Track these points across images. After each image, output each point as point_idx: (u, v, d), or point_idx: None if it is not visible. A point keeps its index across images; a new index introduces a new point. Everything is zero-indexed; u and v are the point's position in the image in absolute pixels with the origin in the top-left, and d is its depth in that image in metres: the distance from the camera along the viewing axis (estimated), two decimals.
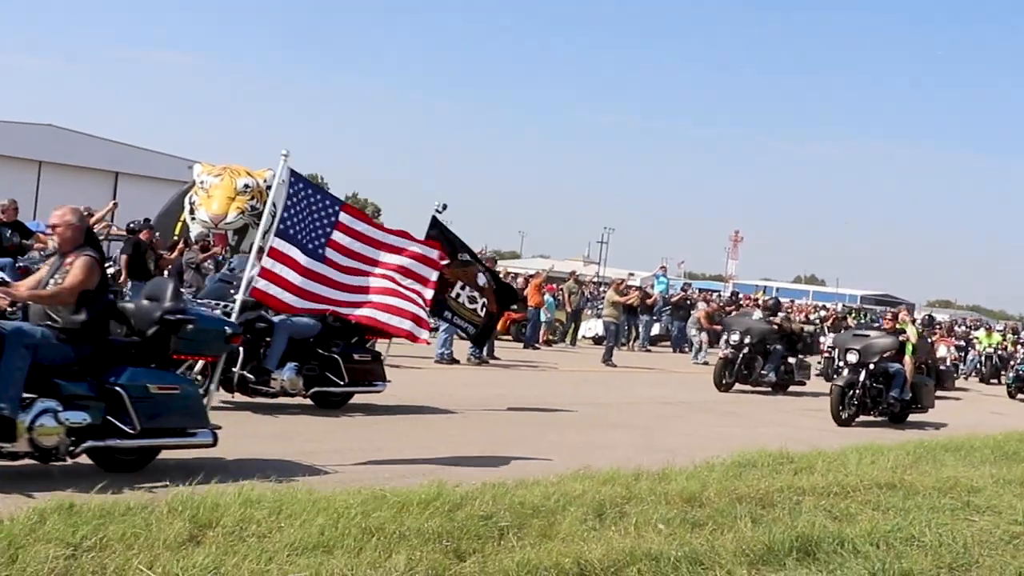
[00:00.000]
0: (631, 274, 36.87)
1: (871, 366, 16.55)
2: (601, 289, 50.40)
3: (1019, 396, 26.26)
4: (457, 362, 20.14)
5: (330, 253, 9.97)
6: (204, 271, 21.32)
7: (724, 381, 20.13)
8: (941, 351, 28.27)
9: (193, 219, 25.79)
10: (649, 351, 30.92)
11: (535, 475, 8.84)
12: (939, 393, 22.84)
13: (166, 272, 17.64)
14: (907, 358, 17.01)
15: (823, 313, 43.57)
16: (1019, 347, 33.18)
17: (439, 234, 13.21)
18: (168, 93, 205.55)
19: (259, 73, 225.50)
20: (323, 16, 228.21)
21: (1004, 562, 7.65)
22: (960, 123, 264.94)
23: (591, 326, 32.29)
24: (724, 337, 21.52)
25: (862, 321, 44.16)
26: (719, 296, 49.64)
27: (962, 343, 33.96)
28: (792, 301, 56.28)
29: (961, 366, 31.52)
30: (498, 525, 6.90)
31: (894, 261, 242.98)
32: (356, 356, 12.59)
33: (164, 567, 5.35)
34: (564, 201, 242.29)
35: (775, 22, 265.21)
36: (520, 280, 29.80)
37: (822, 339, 27.85)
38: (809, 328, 24.08)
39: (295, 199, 9.83)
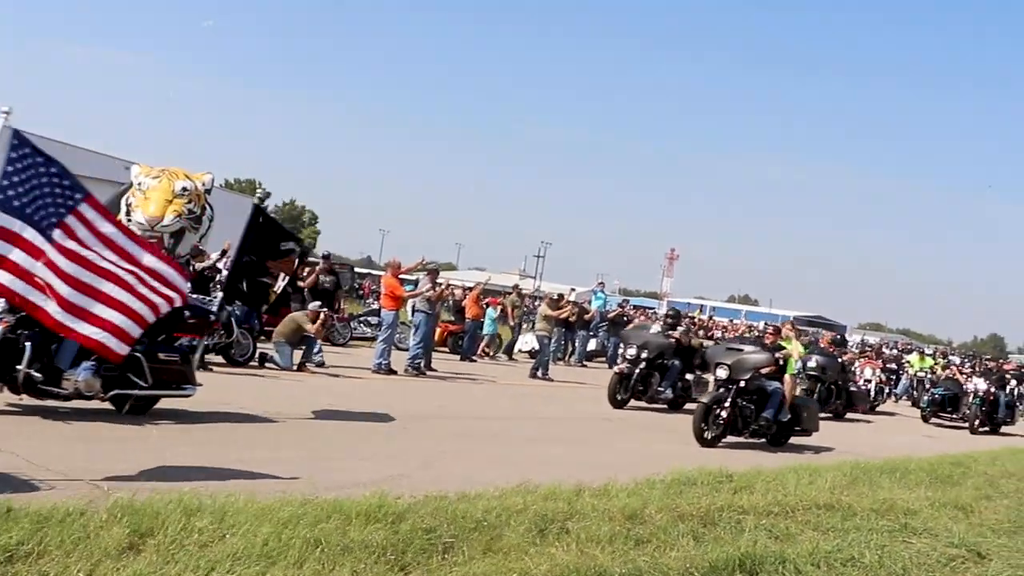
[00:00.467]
0: (573, 289, 36.85)
1: (742, 383, 15.03)
2: (536, 303, 50.44)
3: (933, 420, 26.41)
4: (395, 372, 20.00)
5: (58, 235, 8.35)
6: None
7: (619, 397, 19.09)
8: (867, 373, 29.04)
9: (129, 220, 25.36)
10: (585, 366, 30.97)
11: (476, 488, 8.79)
12: (850, 415, 24.78)
13: None
14: (787, 376, 15.58)
15: (755, 333, 43.84)
16: (949, 371, 33.44)
17: (262, 223, 12.50)
18: (104, 90, 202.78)
19: (194, 75, 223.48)
20: (261, 14, 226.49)
21: None
22: (893, 149, 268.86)
23: (527, 340, 32.28)
24: (621, 352, 21.75)
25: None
26: (654, 313, 49.94)
27: (893, 366, 34.29)
28: (731, 320, 56.66)
29: (887, 389, 31.65)
30: (442, 539, 6.84)
31: (828, 283, 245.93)
32: (162, 355, 11.29)
33: (103, 575, 5.22)
34: (502, 214, 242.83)
35: (708, 38, 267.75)
36: (459, 292, 29.73)
37: None
38: (709, 344, 21.54)
39: (19, 165, 8.25)
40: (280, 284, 13.49)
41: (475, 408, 16.69)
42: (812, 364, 23.24)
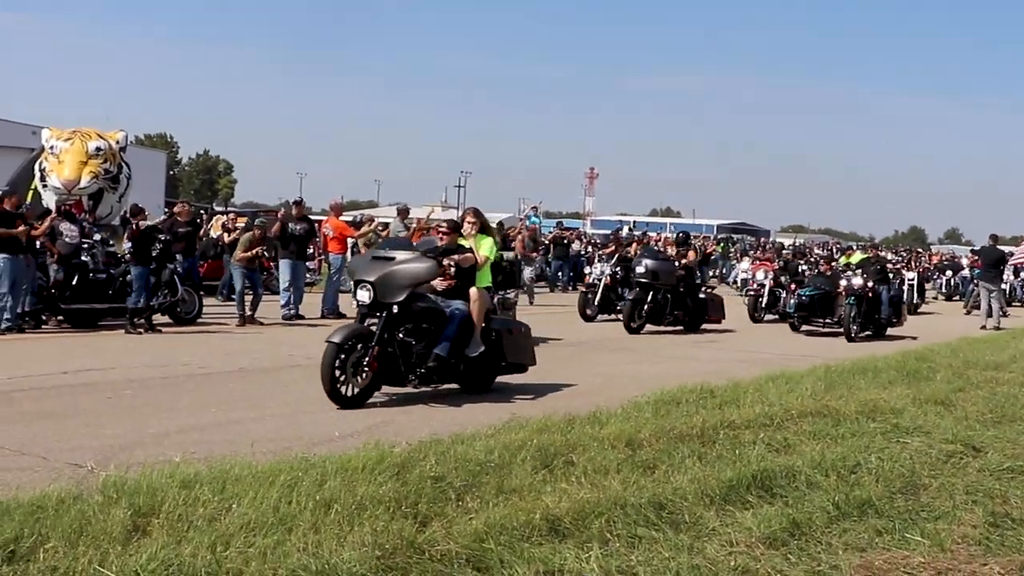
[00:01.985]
0: (432, 211, 36.92)
1: (396, 308, 10.49)
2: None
3: (805, 328, 22.09)
4: (344, 316, 19.58)
5: None
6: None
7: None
8: (759, 276, 25.93)
9: (45, 187, 24.69)
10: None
11: (466, 427, 8.57)
12: (707, 326, 21.29)
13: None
14: (473, 291, 11.16)
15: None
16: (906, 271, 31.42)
17: None
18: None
19: (95, 34, 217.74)
20: None
21: (950, 482, 7.60)
22: (809, 54, 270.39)
23: None
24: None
25: (731, 249, 44.75)
26: (584, 234, 49.83)
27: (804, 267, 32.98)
28: (659, 233, 56.73)
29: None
30: (452, 486, 6.57)
31: (749, 190, 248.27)
32: None
33: (118, 563, 4.86)
34: (419, 147, 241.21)
35: None
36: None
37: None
38: (509, 255, 18.99)
39: None
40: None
41: None
42: (641, 269, 20.27)
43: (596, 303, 21.91)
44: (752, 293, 25.07)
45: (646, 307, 19.88)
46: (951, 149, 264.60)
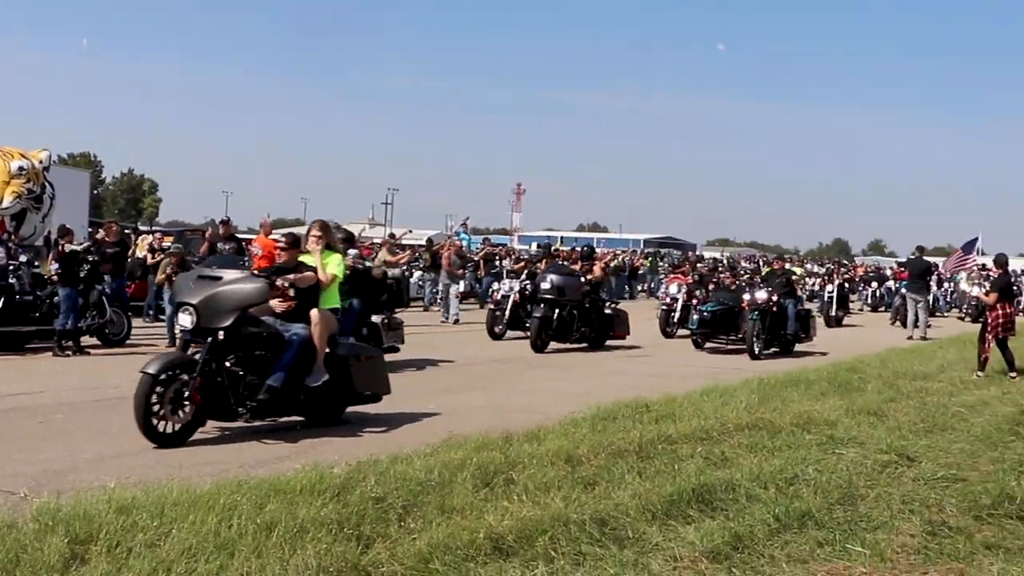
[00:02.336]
0: (409, 230, 37.11)
1: (221, 334, 9.39)
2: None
3: (709, 345, 20.89)
4: None
5: None
6: None
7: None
8: (672, 290, 24.55)
9: None
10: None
11: (405, 446, 8.52)
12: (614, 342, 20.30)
13: None
14: (314, 312, 10.05)
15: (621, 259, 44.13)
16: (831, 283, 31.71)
17: None
18: None
19: (16, 49, 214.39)
20: None
21: (887, 492, 7.72)
22: (735, 71, 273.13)
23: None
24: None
25: (659, 263, 45.04)
26: (512, 249, 49.91)
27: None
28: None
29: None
30: (394, 506, 6.52)
31: (674, 205, 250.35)
32: None
33: None
34: (346, 164, 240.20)
35: None
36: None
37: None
38: (395, 272, 18.13)
39: None
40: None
41: None
42: (546, 285, 19.25)
43: (505, 320, 21.26)
44: (664, 307, 23.88)
45: (553, 324, 19.17)
46: (874, 162, 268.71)
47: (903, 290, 28.50)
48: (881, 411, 11.33)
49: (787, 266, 24.27)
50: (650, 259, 47.82)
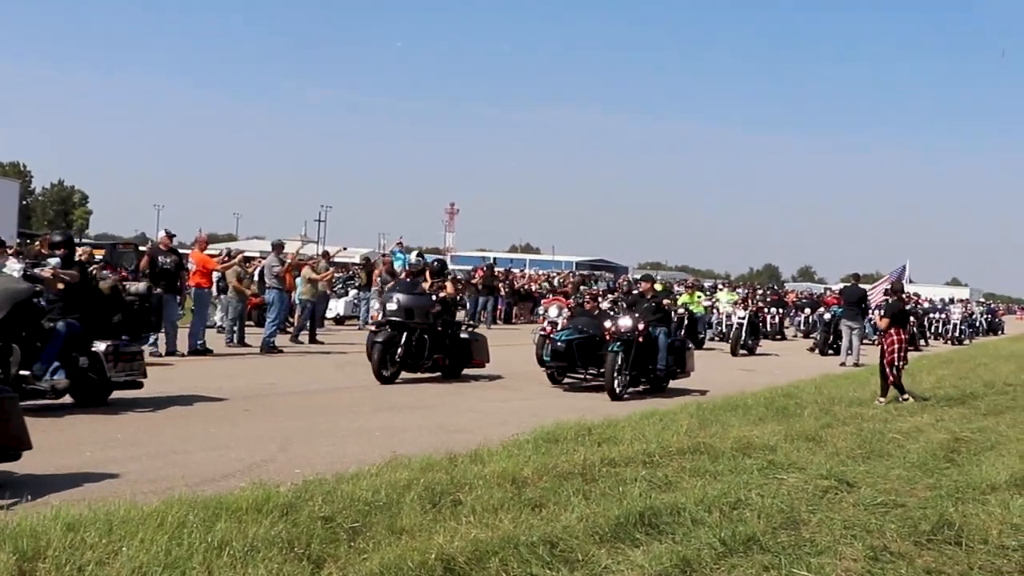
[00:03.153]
0: (344, 248, 37.12)
1: None
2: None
3: (567, 380, 17.77)
4: (211, 352, 19.28)
5: None
6: None
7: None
8: (551, 313, 22.35)
9: None
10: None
11: (349, 467, 8.49)
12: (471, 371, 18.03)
13: None
14: None
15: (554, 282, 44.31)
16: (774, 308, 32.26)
17: None
18: None
19: None
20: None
21: (829, 517, 7.81)
22: (669, 90, 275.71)
23: (332, 306, 31.74)
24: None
25: (594, 287, 45.13)
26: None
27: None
28: (522, 270, 57.05)
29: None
30: (343, 526, 6.51)
31: (607, 227, 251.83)
32: None
33: None
34: (279, 180, 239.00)
35: None
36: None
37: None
38: (140, 287, 14.34)
39: None
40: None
41: (307, 381, 16.18)
42: (392, 307, 16.87)
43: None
44: (542, 333, 19.59)
45: (399, 351, 16.51)
46: (804, 187, 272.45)
47: (838, 317, 28.37)
48: (819, 436, 11.48)
49: (657, 286, 20.74)
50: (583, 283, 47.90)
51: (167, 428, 10.78)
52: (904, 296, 17.49)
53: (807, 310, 40.23)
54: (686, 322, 28.21)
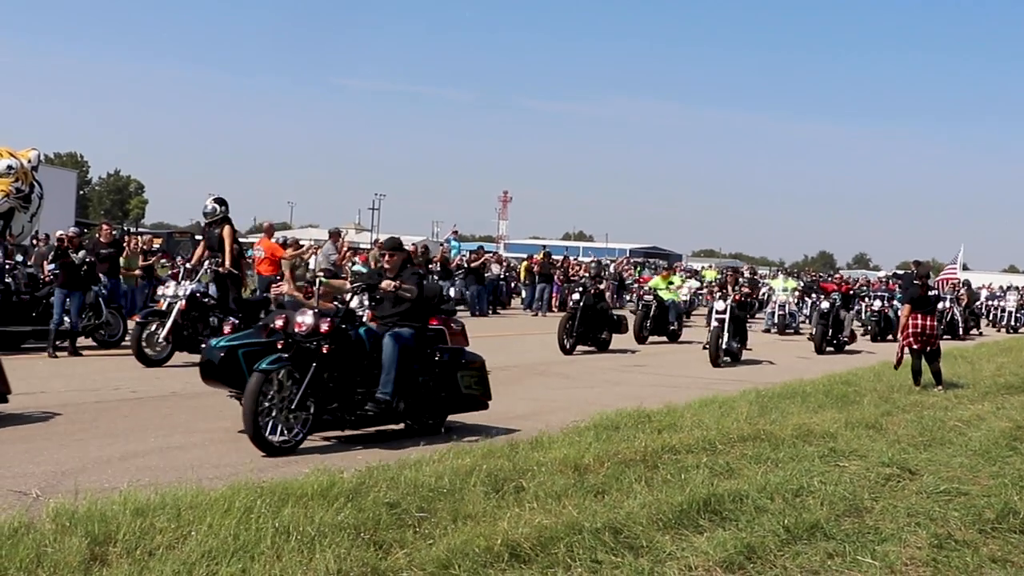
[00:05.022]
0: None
1: None
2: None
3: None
4: None
5: None
6: None
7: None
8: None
9: None
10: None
11: (411, 452, 8.53)
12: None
13: None
14: None
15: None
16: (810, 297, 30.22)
17: None
18: None
19: (5, 50, 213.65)
20: None
21: (892, 505, 7.75)
22: (727, 81, 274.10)
23: None
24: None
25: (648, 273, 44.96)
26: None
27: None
28: (575, 257, 56.88)
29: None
30: (409, 512, 6.54)
31: (660, 215, 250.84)
32: None
33: None
34: (333, 169, 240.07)
35: None
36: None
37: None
38: None
39: None
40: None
41: None
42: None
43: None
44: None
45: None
46: (860, 175, 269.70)
47: (836, 307, 24.85)
48: (879, 424, 11.38)
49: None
50: (639, 269, 47.91)
51: (227, 415, 10.78)
52: (929, 283, 16.93)
53: (877, 301, 35.06)
54: (653, 311, 24.56)
